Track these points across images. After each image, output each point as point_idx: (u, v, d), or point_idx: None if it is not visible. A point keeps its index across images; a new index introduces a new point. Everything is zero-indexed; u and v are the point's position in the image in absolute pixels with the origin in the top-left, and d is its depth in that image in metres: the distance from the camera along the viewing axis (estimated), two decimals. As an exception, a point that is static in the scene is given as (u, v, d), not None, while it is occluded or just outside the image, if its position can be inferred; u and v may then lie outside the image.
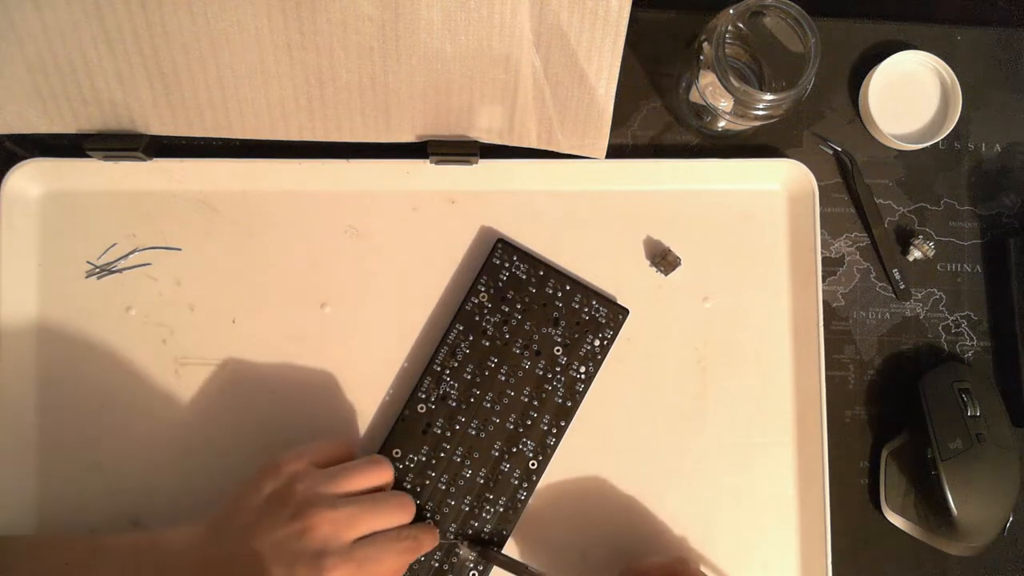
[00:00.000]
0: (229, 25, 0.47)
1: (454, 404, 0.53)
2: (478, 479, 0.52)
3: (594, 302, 0.54)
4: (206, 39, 0.48)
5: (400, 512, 0.48)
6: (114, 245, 0.54)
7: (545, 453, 0.53)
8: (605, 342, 0.54)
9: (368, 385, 0.54)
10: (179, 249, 0.55)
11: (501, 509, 0.52)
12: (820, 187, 0.57)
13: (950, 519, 0.52)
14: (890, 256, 0.58)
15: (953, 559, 0.56)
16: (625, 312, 0.54)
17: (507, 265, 0.54)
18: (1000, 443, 0.53)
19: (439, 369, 0.53)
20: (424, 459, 0.52)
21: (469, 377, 0.53)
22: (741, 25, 0.51)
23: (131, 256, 0.54)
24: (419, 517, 0.52)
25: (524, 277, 0.54)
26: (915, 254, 0.58)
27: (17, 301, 0.53)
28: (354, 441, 0.53)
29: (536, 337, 0.54)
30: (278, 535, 0.43)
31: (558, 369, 0.54)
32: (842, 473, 0.55)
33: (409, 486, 0.52)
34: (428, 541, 0.49)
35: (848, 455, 0.57)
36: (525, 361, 0.53)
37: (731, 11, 0.49)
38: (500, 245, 0.54)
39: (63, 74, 0.49)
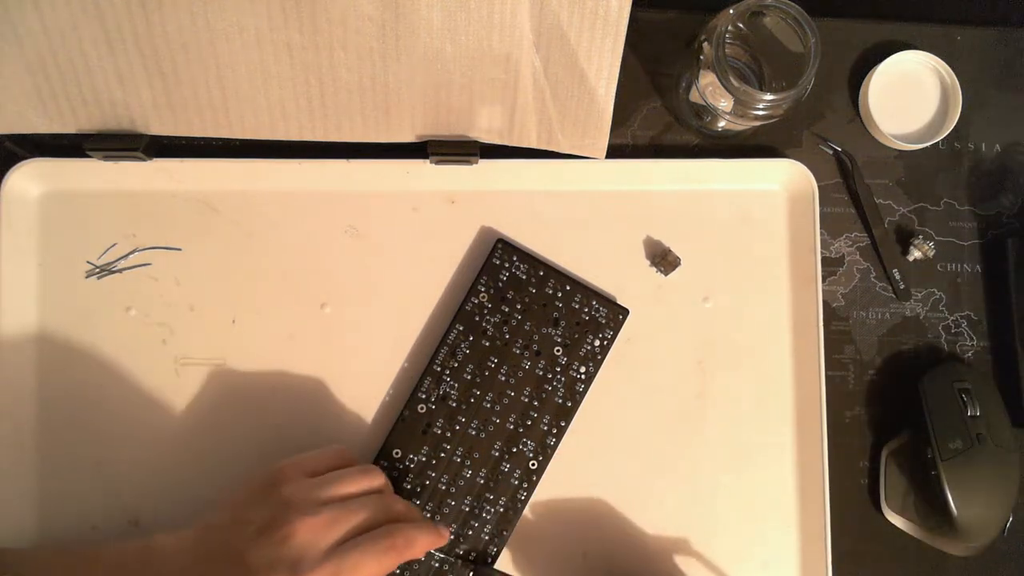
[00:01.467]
0: (229, 25, 0.47)
1: (454, 404, 0.53)
2: (478, 479, 0.52)
3: (594, 302, 0.54)
4: (206, 39, 0.48)
5: (382, 513, 0.46)
6: (114, 245, 0.54)
7: (545, 453, 0.53)
8: (605, 342, 0.54)
9: (368, 385, 0.54)
10: (179, 249, 0.55)
11: (501, 509, 0.52)
12: (820, 187, 0.57)
13: (950, 519, 0.52)
14: (890, 256, 0.58)
15: (953, 559, 0.56)
16: (625, 312, 0.54)
17: (507, 265, 0.54)
18: (1000, 443, 0.53)
19: (439, 369, 0.53)
20: (424, 459, 0.52)
21: (469, 377, 0.53)
22: (741, 25, 0.51)
23: (131, 256, 0.54)
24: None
25: (524, 277, 0.54)
26: (915, 254, 0.58)
27: (17, 301, 0.53)
28: (351, 450, 0.51)
29: (536, 337, 0.54)
30: (260, 540, 0.43)
31: (558, 369, 0.54)
32: (842, 473, 0.55)
33: (409, 486, 0.52)
34: (423, 540, 0.46)
35: (848, 455, 0.57)
36: (525, 361, 0.53)
37: (731, 11, 0.49)
38: (500, 245, 0.54)
39: (63, 74, 0.49)
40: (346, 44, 0.48)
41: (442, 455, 0.52)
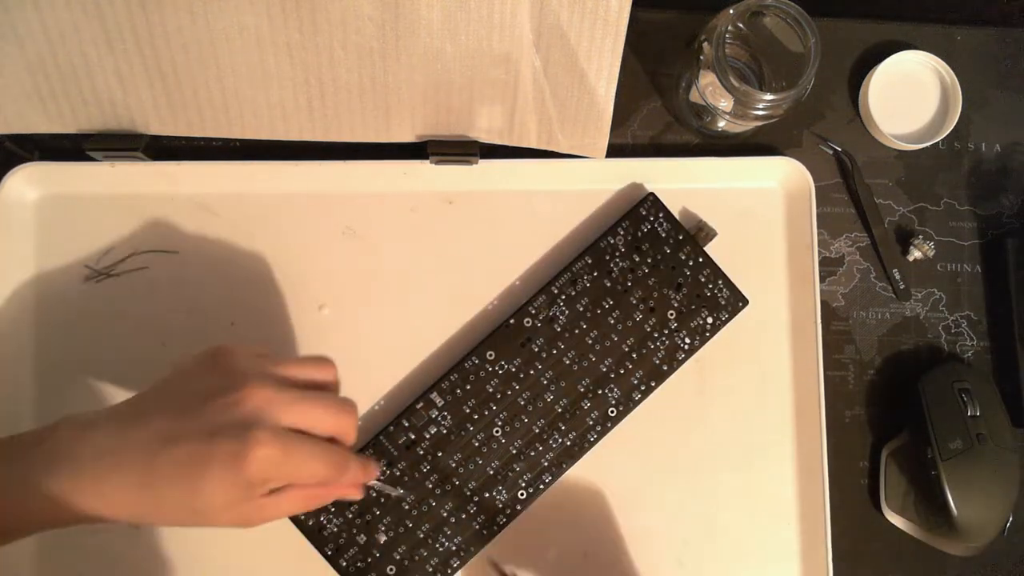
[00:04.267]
0: (229, 25, 0.47)
1: (559, 329, 0.53)
2: (557, 408, 0.53)
3: (720, 282, 0.55)
4: (206, 39, 0.48)
5: (342, 416, 0.41)
6: (111, 249, 0.54)
7: (627, 405, 0.53)
8: (718, 323, 0.54)
9: (365, 385, 0.54)
10: (176, 252, 0.54)
11: (568, 443, 0.53)
12: (820, 187, 0.56)
13: (950, 519, 0.52)
14: (890, 256, 0.58)
15: (953, 559, 0.56)
16: (745, 301, 0.55)
17: (651, 219, 0.55)
18: (1000, 443, 0.53)
19: (556, 291, 0.53)
20: (513, 370, 0.53)
21: (581, 309, 0.54)
22: (741, 25, 0.51)
23: (129, 260, 0.54)
24: (491, 423, 0.52)
25: (663, 236, 0.55)
26: (915, 254, 0.58)
27: (15, 305, 0.53)
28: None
29: (655, 295, 0.54)
30: (204, 407, 0.38)
31: (666, 332, 0.54)
32: (842, 473, 0.55)
33: (491, 390, 0.53)
34: (361, 473, 0.43)
35: (848, 455, 0.57)
36: (637, 313, 0.54)
37: (731, 11, 0.49)
38: (651, 198, 0.55)
39: (63, 74, 0.49)
40: (346, 44, 0.48)
41: (531, 372, 0.53)
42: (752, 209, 0.57)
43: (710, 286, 0.54)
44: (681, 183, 0.56)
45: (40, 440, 0.39)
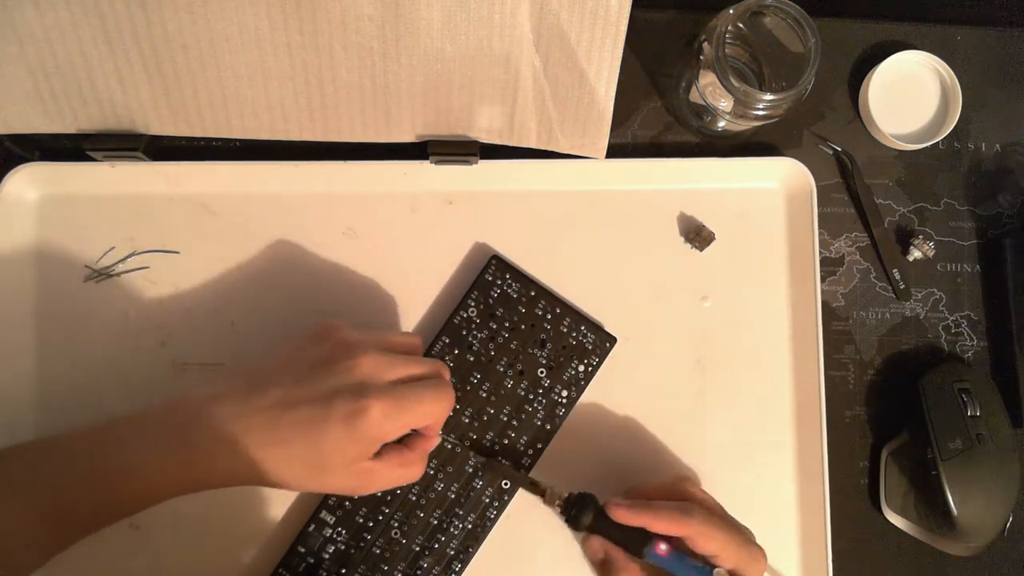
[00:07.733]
0: (229, 25, 0.47)
1: None
2: (449, 493, 0.52)
3: (583, 327, 0.54)
4: (206, 39, 0.48)
5: (435, 364, 0.47)
6: (112, 249, 0.54)
7: (520, 472, 0.53)
8: (590, 368, 0.54)
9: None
10: (177, 252, 0.54)
11: (470, 526, 0.52)
12: (820, 187, 0.56)
13: (950, 519, 0.52)
14: (890, 256, 0.58)
15: (953, 559, 0.56)
16: (612, 340, 0.54)
17: (499, 282, 0.54)
18: (1000, 443, 0.53)
19: None
20: None
21: None
22: (741, 25, 0.51)
23: (129, 259, 0.54)
24: (387, 527, 0.52)
25: (515, 296, 0.54)
26: (915, 254, 0.58)
27: (15, 306, 0.53)
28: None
29: (521, 357, 0.53)
30: (319, 372, 0.44)
31: (540, 391, 0.53)
32: (842, 473, 0.55)
33: (381, 494, 0.52)
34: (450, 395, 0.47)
35: (848, 455, 0.57)
36: (508, 380, 0.53)
37: (731, 11, 0.49)
38: (494, 262, 0.54)
39: (63, 74, 0.49)
40: (346, 44, 0.48)
41: None
42: (753, 210, 0.57)
43: (574, 334, 0.54)
44: (681, 184, 0.56)
45: (171, 412, 0.44)
